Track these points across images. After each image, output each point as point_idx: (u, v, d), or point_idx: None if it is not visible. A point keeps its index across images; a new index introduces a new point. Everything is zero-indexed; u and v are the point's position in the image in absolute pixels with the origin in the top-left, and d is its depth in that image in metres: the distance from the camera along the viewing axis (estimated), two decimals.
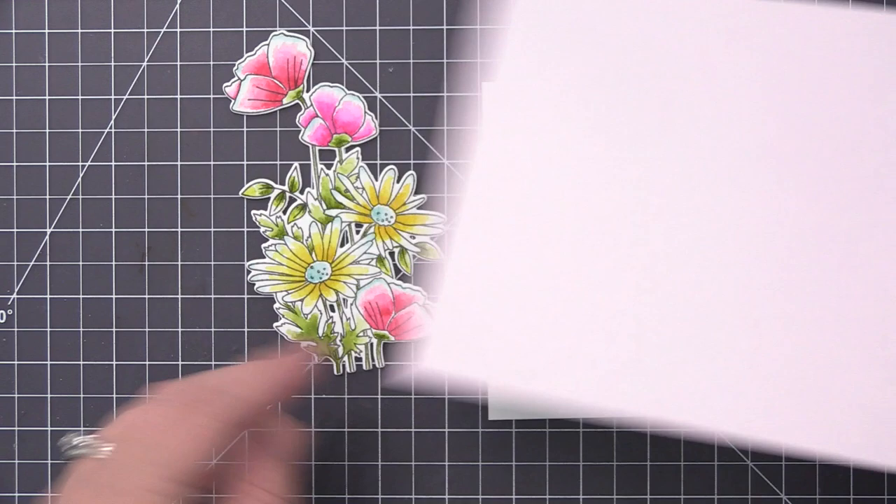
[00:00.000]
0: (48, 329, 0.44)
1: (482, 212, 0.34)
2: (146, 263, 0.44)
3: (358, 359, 0.44)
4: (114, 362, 0.44)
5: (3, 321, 0.44)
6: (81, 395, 0.44)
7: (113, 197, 0.44)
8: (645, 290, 0.32)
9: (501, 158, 0.35)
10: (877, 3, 0.43)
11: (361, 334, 0.43)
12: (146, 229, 0.44)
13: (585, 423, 0.43)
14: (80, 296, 0.44)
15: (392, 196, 0.43)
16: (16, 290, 0.44)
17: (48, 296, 0.44)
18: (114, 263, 0.44)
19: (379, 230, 0.43)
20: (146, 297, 0.44)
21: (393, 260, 0.43)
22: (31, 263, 0.44)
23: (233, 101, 0.44)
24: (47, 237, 0.44)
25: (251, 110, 0.44)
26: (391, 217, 0.43)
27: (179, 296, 0.44)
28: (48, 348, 0.44)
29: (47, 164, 0.44)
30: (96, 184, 0.44)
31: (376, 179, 0.43)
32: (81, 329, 0.44)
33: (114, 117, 0.44)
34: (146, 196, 0.44)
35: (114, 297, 0.44)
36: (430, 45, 0.44)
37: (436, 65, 0.44)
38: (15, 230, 0.44)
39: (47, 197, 0.44)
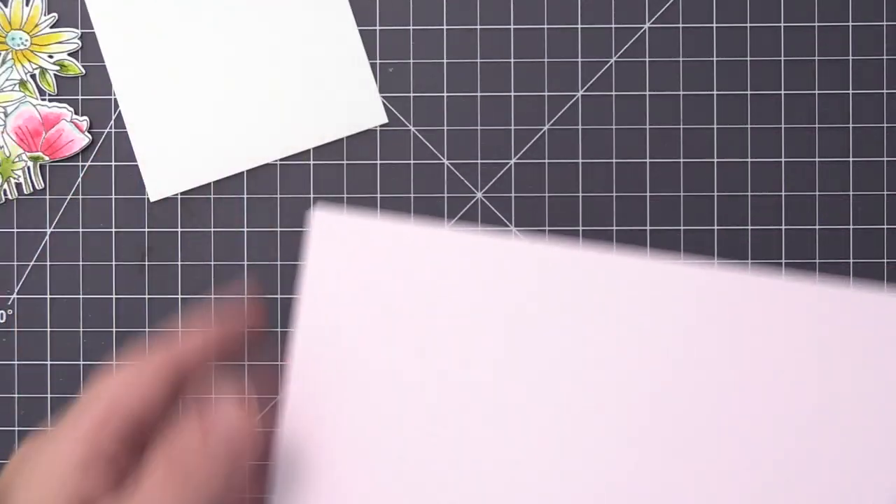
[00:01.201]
0: (48, 329, 0.44)
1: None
2: (146, 263, 0.44)
3: (18, 184, 0.44)
4: (114, 362, 0.44)
5: (3, 321, 0.44)
6: (82, 395, 0.44)
7: (113, 197, 0.44)
8: None
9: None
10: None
11: (17, 160, 0.44)
12: (146, 229, 0.44)
13: None
14: (80, 296, 0.44)
15: (24, 20, 0.44)
16: (16, 290, 0.44)
17: (48, 296, 0.44)
18: (114, 263, 0.44)
19: (16, 55, 0.44)
20: (146, 297, 0.44)
21: (35, 82, 0.44)
22: (31, 263, 0.44)
23: None
24: (47, 237, 0.44)
25: None
26: (26, 40, 0.44)
27: (179, 296, 0.44)
28: (48, 348, 0.44)
29: (47, 163, 0.44)
30: (96, 184, 0.44)
31: (5, 6, 0.44)
32: (81, 329, 0.44)
33: (113, 118, 0.44)
34: (146, 196, 0.44)
35: (114, 297, 0.44)
36: (430, 45, 0.44)
37: (436, 65, 0.44)
38: (15, 230, 0.44)
39: (47, 197, 0.44)
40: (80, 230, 0.44)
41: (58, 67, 0.44)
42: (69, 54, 0.44)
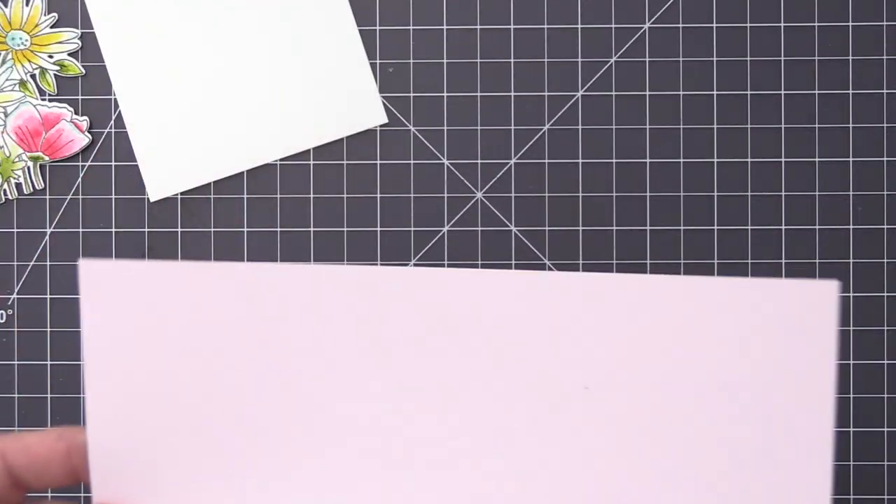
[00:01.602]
0: (48, 329, 0.44)
1: None
2: None
3: (18, 184, 0.44)
4: None
5: (3, 321, 0.44)
6: (81, 395, 0.44)
7: (113, 197, 0.44)
8: None
9: None
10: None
11: (17, 160, 0.44)
12: (146, 229, 0.44)
13: None
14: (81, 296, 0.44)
15: (24, 20, 0.44)
16: (16, 290, 0.44)
17: (48, 296, 0.44)
18: None
19: (16, 55, 0.44)
20: None
21: (35, 82, 0.44)
22: (31, 263, 0.44)
23: None
24: (47, 237, 0.44)
25: None
26: (26, 40, 0.44)
27: None
28: (48, 348, 0.44)
29: (47, 163, 0.44)
30: (96, 184, 0.44)
31: (5, 6, 0.44)
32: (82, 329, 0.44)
33: (113, 117, 0.44)
34: (146, 196, 0.44)
35: None
36: (430, 45, 0.44)
37: (436, 65, 0.44)
38: (15, 230, 0.44)
39: (47, 197, 0.44)
40: (80, 230, 0.44)
41: (58, 67, 0.44)
42: (69, 54, 0.44)
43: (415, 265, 0.44)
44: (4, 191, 0.44)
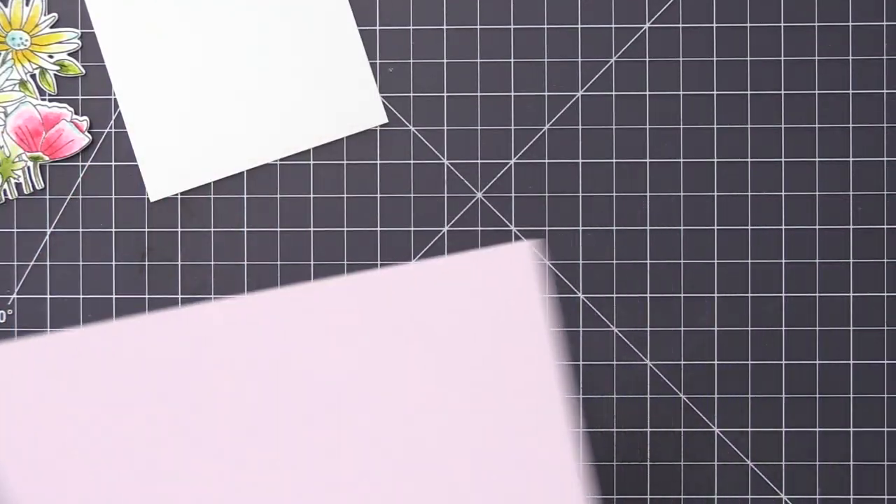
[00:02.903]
0: (48, 329, 0.44)
1: None
2: (146, 263, 0.44)
3: (18, 184, 0.44)
4: None
5: (3, 321, 0.44)
6: None
7: (113, 197, 0.44)
8: None
9: None
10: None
11: (17, 160, 0.44)
12: (146, 229, 0.44)
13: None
14: (80, 296, 0.44)
15: (24, 20, 0.44)
16: (16, 290, 0.44)
17: (48, 296, 0.44)
18: (114, 263, 0.44)
19: (16, 55, 0.44)
20: (146, 297, 0.44)
21: (35, 82, 0.44)
22: (31, 263, 0.44)
23: None
24: (47, 237, 0.44)
25: None
26: (26, 40, 0.44)
27: (179, 296, 0.44)
28: None
29: (47, 163, 0.44)
30: (96, 184, 0.44)
31: (5, 6, 0.44)
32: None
33: (113, 117, 0.44)
34: (146, 196, 0.44)
35: (114, 297, 0.44)
36: (430, 45, 0.44)
37: (436, 65, 0.44)
38: (15, 230, 0.44)
39: (47, 197, 0.44)
40: (80, 230, 0.44)
41: (58, 67, 0.44)
42: (69, 54, 0.44)
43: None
44: (4, 191, 0.44)
